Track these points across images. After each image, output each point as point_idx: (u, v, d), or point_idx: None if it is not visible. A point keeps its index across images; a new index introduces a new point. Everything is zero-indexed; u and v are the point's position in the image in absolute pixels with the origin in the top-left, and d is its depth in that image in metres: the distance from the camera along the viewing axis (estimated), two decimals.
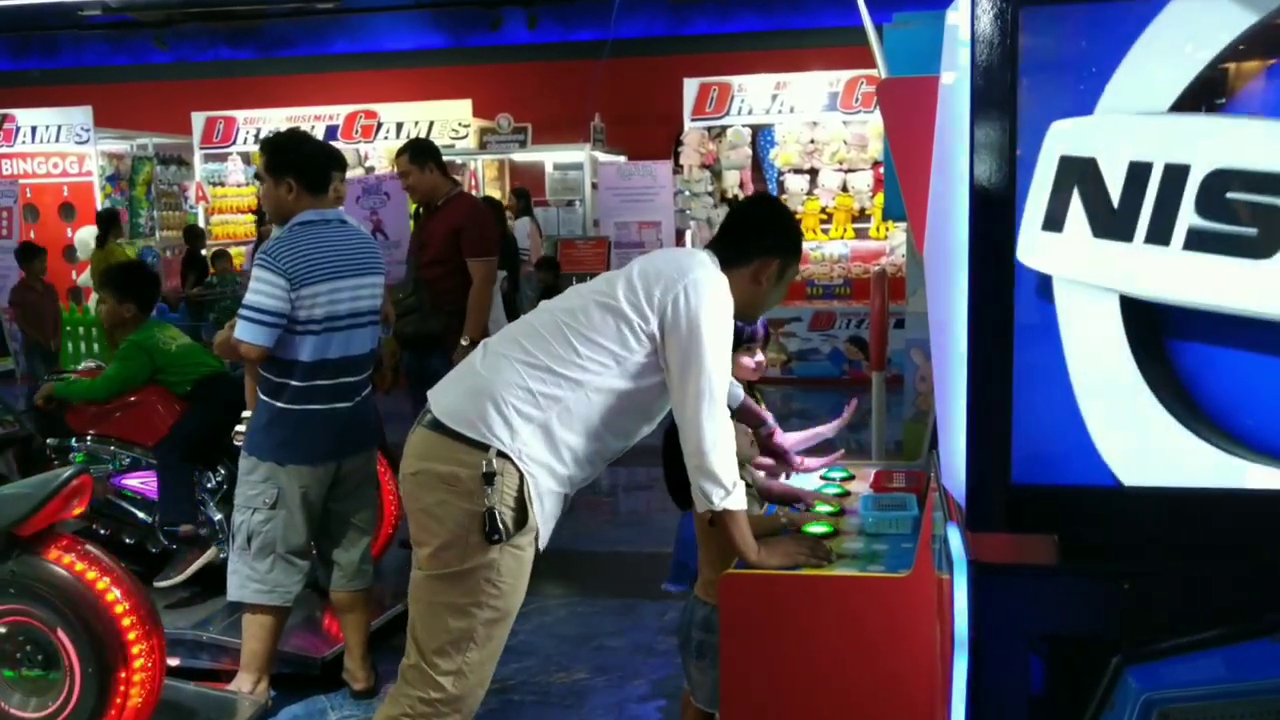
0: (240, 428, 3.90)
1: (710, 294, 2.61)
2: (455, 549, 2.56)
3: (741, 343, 3.11)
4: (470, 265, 5.44)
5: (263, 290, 3.54)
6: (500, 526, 2.53)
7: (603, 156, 12.01)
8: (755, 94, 12.11)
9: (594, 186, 11.54)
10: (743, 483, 2.64)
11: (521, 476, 2.58)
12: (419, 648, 2.64)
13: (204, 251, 11.30)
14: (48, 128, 11.66)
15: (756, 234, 2.80)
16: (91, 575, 3.10)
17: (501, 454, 2.56)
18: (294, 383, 3.66)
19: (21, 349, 8.33)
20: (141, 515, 4.66)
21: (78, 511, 3.22)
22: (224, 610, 4.33)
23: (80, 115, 11.80)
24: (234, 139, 13.37)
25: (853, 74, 11.65)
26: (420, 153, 5.63)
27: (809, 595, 2.51)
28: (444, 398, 2.70)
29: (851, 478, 3.34)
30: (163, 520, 4.56)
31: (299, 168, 3.72)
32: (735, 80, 12.13)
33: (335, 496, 3.88)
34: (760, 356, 3.16)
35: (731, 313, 2.66)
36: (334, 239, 3.73)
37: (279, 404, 3.68)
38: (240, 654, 3.95)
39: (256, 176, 3.98)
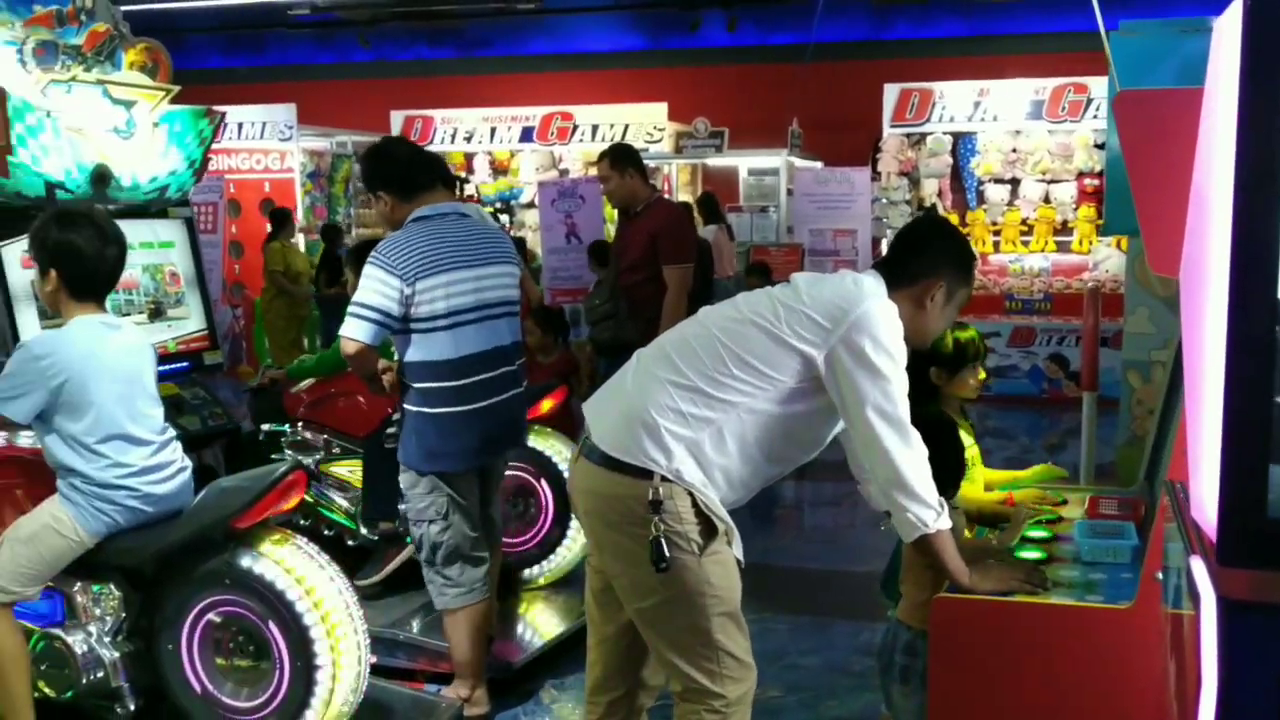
0: (390, 429, 4.00)
1: (884, 326, 2.60)
2: (654, 577, 2.61)
3: (967, 360, 3.10)
4: (666, 272, 5.53)
5: (371, 287, 3.58)
6: (667, 555, 2.56)
7: (799, 162, 12.00)
8: (957, 100, 11.94)
9: (789, 192, 11.54)
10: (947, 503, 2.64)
11: (691, 492, 2.62)
12: (676, 669, 2.72)
13: (339, 251, 11.72)
14: (253, 124, 12.36)
15: (921, 253, 2.76)
16: (302, 570, 3.26)
17: (664, 478, 2.60)
18: (431, 385, 3.68)
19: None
20: (346, 504, 4.89)
21: (290, 505, 3.42)
22: (421, 609, 4.52)
23: (284, 112, 12.44)
24: (431, 138, 13.91)
25: (1059, 81, 11.39)
26: (621, 158, 5.75)
27: (1024, 623, 2.49)
28: (601, 423, 2.74)
29: (1064, 502, 3.28)
30: (365, 513, 4.76)
31: (387, 180, 3.83)
32: (937, 86, 11.98)
33: (484, 491, 4.00)
34: (982, 373, 3.14)
35: (903, 338, 2.64)
36: (450, 232, 3.74)
37: (427, 409, 3.70)
38: (432, 654, 4.14)
39: None
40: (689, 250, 5.77)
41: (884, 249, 11.54)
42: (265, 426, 5.05)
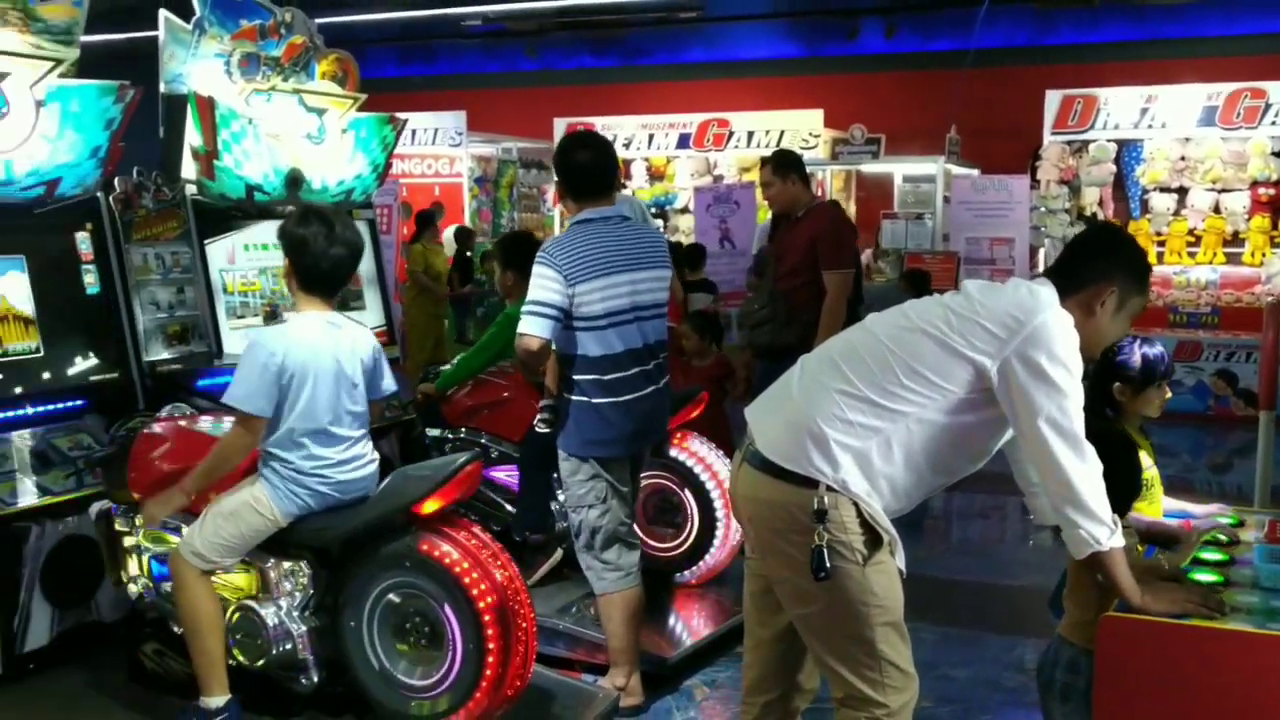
0: (541, 415, 4.10)
1: (1061, 339, 2.52)
2: (817, 585, 2.59)
3: (1157, 378, 3.00)
4: (825, 277, 5.50)
5: (542, 285, 3.69)
6: (828, 564, 2.54)
7: (956, 169, 11.76)
8: (1122, 107, 11.54)
9: (945, 200, 11.33)
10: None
11: (855, 502, 2.59)
12: (838, 677, 2.71)
13: (469, 253, 11.93)
14: (425, 130, 12.74)
15: (1093, 258, 2.67)
16: (478, 557, 3.34)
17: (830, 488, 2.57)
18: (591, 377, 3.80)
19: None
20: (507, 506, 4.99)
21: (468, 494, 3.53)
22: (580, 600, 4.61)
23: (454, 119, 12.79)
24: None
25: (1234, 86, 10.87)
26: (783, 164, 5.75)
27: (1198, 648, 2.39)
28: (765, 429, 2.71)
29: (1240, 524, 3.14)
30: (517, 523, 4.85)
31: (561, 180, 3.96)
32: (1101, 92, 11.60)
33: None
34: (1169, 392, 3.04)
35: (1078, 349, 2.55)
36: (611, 236, 3.84)
37: (585, 399, 3.82)
38: (590, 645, 4.20)
39: None
40: (849, 255, 5.73)
41: (1041, 258, 11.26)
42: (430, 431, 5.19)
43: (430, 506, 3.38)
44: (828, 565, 2.55)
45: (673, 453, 4.82)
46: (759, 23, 14.83)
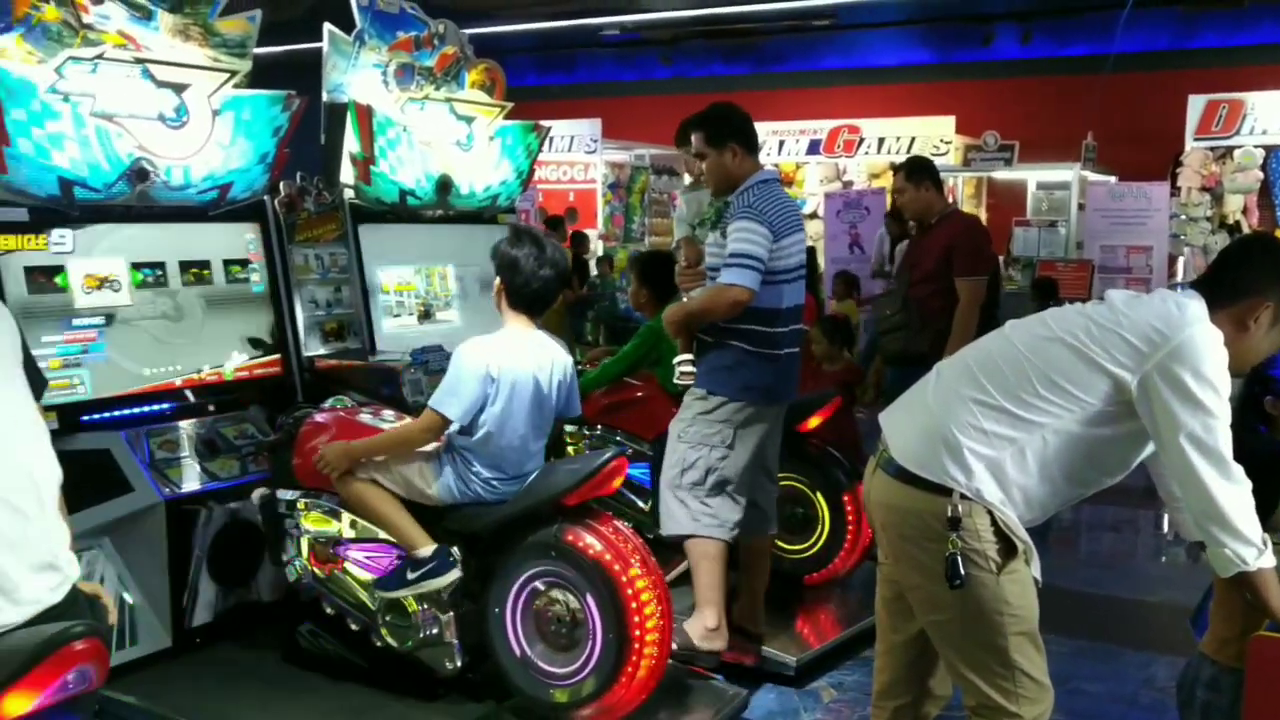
0: (683, 369, 4.15)
1: (1208, 356, 2.43)
2: (950, 593, 2.56)
3: None
4: (959, 284, 5.42)
5: (749, 239, 3.81)
6: (962, 572, 2.51)
7: (1092, 176, 11.45)
8: (1270, 111, 11.07)
9: (1080, 207, 11.03)
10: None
11: (990, 510, 2.55)
12: (970, 685, 2.68)
13: (584, 256, 11.99)
14: (562, 138, 12.94)
15: (1247, 270, 2.55)
16: (620, 549, 3.40)
17: (964, 496, 2.53)
18: (771, 329, 3.94)
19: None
20: (639, 504, 5.04)
21: (613, 489, 3.60)
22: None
23: (590, 127, 12.97)
24: None
25: None
26: (917, 170, 5.69)
27: None
28: (899, 436, 2.69)
29: None
30: (649, 521, 4.88)
31: (738, 133, 4.05)
32: (1248, 97, 11.16)
33: (759, 441, 4.12)
34: None
35: (1227, 366, 2.46)
36: (784, 196, 4.09)
37: (750, 348, 3.94)
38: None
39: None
40: (984, 263, 5.63)
41: (1180, 267, 10.87)
42: (567, 427, 5.27)
43: (576, 499, 3.45)
44: (962, 573, 2.52)
45: (805, 454, 4.82)
46: (893, 30, 14.65)
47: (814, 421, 4.81)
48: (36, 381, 2.29)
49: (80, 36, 3.77)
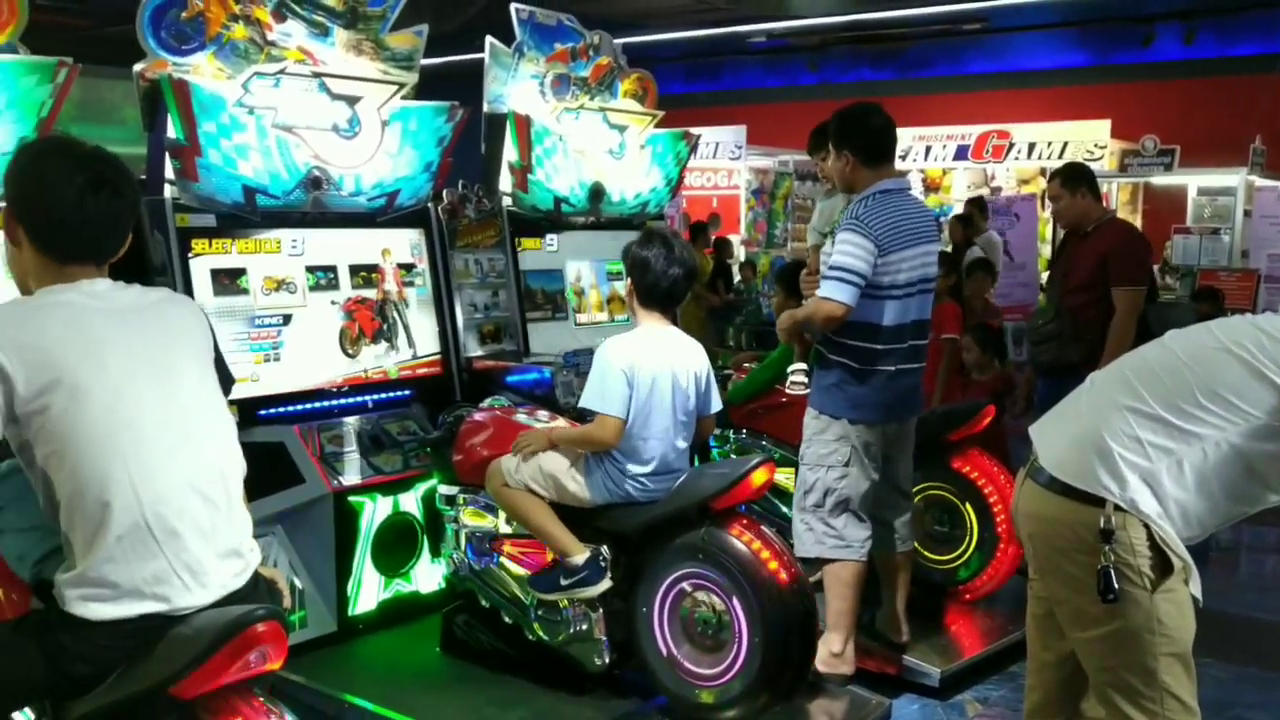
0: (795, 378, 4.19)
1: None
2: (1100, 607, 2.48)
3: None
4: (1115, 294, 5.25)
5: (851, 253, 3.72)
6: (1116, 586, 2.42)
7: (1260, 181, 10.92)
8: None
9: (1246, 214, 10.54)
10: None
11: (1146, 524, 2.46)
12: (1114, 705, 2.59)
13: (728, 260, 11.89)
14: (707, 144, 12.97)
15: None
16: (766, 554, 3.42)
17: (1118, 507, 2.45)
18: (873, 345, 3.85)
19: None
20: (783, 509, 5.03)
21: (760, 493, 3.61)
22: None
23: (734, 134, 12.97)
24: None
25: None
26: (1073, 177, 5.54)
27: None
28: (1050, 445, 2.62)
29: None
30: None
31: (856, 141, 3.93)
32: None
33: (885, 460, 4.05)
34: None
35: None
36: (909, 207, 3.95)
37: (856, 365, 3.86)
38: (860, 650, 4.20)
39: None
40: (1142, 272, 5.45)
41: None
42: (714, 431, 5.29)
43: (724, 503, 3.48)
44: (1116, 587, 2.43)
45: (954, 465, 4.74)
46: (1046, 32, 14.25)
47: (964, 432, 4.73)
48: (225, 378, 2.42)
49: (264, 53, 3.98)
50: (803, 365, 4.20)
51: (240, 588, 2.22)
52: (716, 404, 3.77)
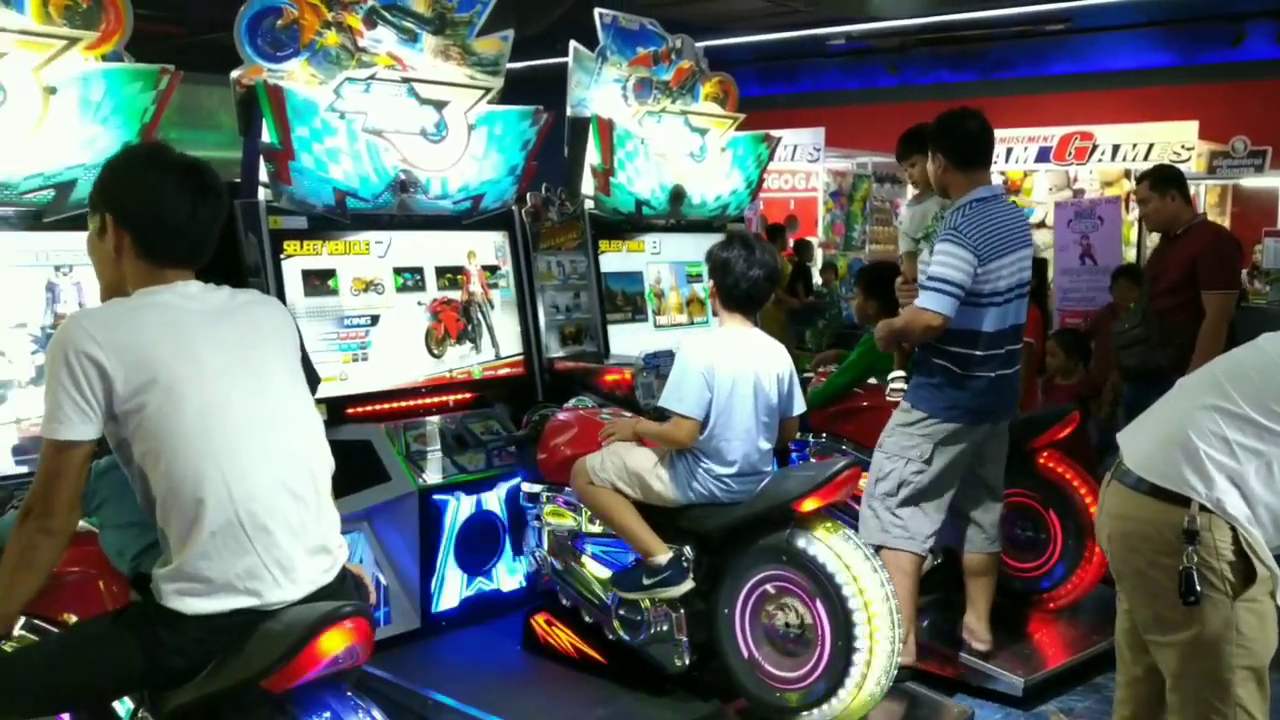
0: (895, 385, 4.18)
1: None
2: (1179, 612, 2.42)
3: None
4: (1205, 298, 5.12)
5: (950, 263, 3.73)
6: (1198, 588, 2.35)
7: None
8: None
9: None
10: None
11: (1233, 527, 2.38)
12: (1183, 715, 2.54)
13: (808, 263, 11.74)
14: (785, 147, 12.87)
15: None
16: (851, 558, 3.37)
17: (1203, 507, 2.38)
18: (974, 352, 3.86)
19: None
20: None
21: (844, 497, 3.57)
22: (932, 608, 4.52)
23: (812, 136, 12.85)
24: None
25: None
26: (1163, 179, 5.43)
27: None
28: (1136, 446, 2.56)
29: None
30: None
31: (951, 146, 3.91)
32: None
33: (979, 460, 4.05)
34: None
35: None
36: (1006, 214, 3.93)
37: (959, 370, 3.87)
38: (941, 657, 4.13)
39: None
40: (1233, 276, 5.31)
41: None
42: None
43: (809, 505, 3.44)
44: (1198, 589, 2.36)
45: (1038, 471, 4.64)
46: (1131, 32, 13.91)
47: (1049, 437, 4.63)
48: (311, 377, 2.45)
49: (355, 59, 4.03)
50: (901, 373, 4.18)
51: (329, 583, 2.24)
52: (800, 406, 3.73)
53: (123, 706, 2.38)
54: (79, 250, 3.38)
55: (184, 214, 2.17)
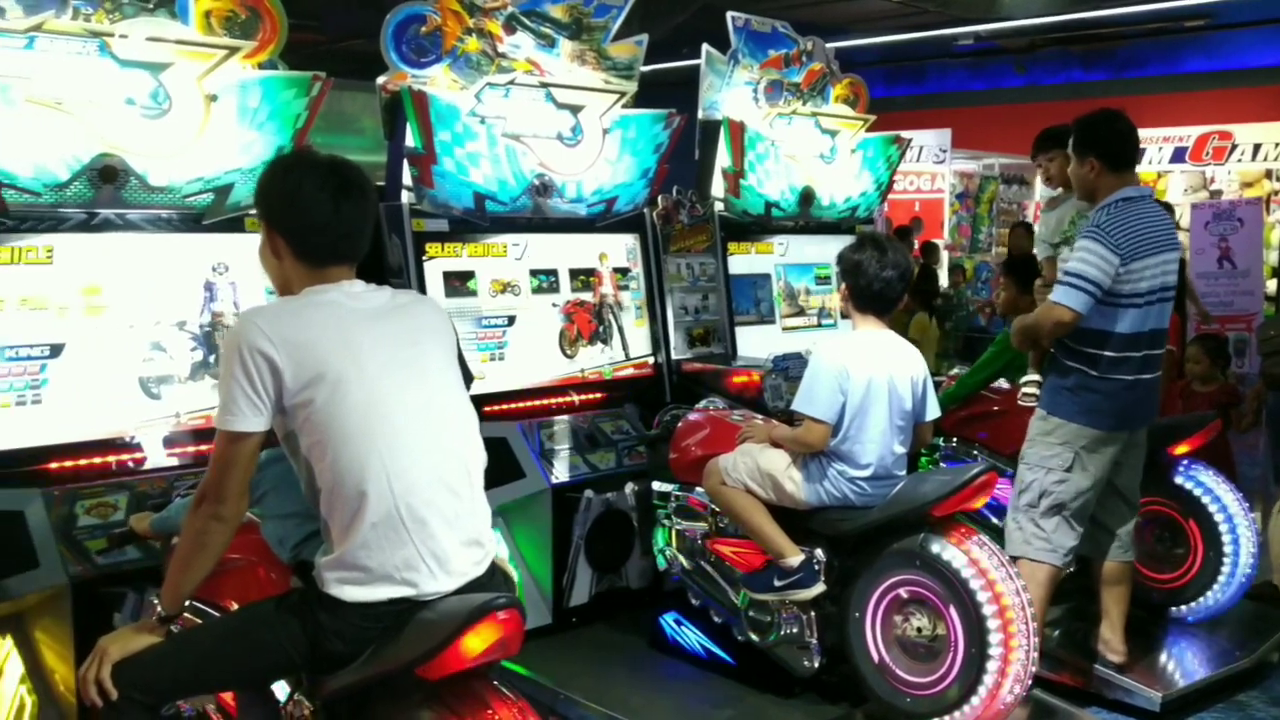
0: (1027, 389, 4.08)
1: None
2: None
3: None
4: None
5: (1089, 260, 3.63)
6: None
7: None
8: None
9: None
10: None
11: None
12: None
13: (934, 266, 11.44)
14: (911, 148, 12.66)
15: None
16: (986, 565, 3.29)
17: None
18: (1109, 353, 3.73)
19: None
20: (993, 520, 4.83)
21: (979, 504, 3.49)
22: (1065, 618, 4.39)
23: (938, 137, 12.64)
24: None
25: None
26: None
27: None
28: None
29: None
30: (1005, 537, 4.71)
31: (1103, 148, 3.80)
32: None
33: (1115, 468, 3.90)
34: None
35: None
36: (1151, 215, 3.80)
37: (1093, 372, 3.74)
38: (1074, 669, 4.00)
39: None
40: None
41: None
42: None
43: (944, 511, 3.38)
44: None
45: (1177, 480, 4.47)
46: (1273, 27, 13.30)
47: (1188, 445, 4.45)
48: (466, 374, 2.49)
49: (495, 65, 4.10)
50: (1035, 376, 4.06)
51: (480, 576, 2.28)
52: (934, 410, 3.66)
53: (281, 690, 2.46)
54: (235, 251, 3.59)
55: (327, 212, 2.23)
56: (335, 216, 2.24)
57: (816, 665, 3.63)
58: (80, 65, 3.16)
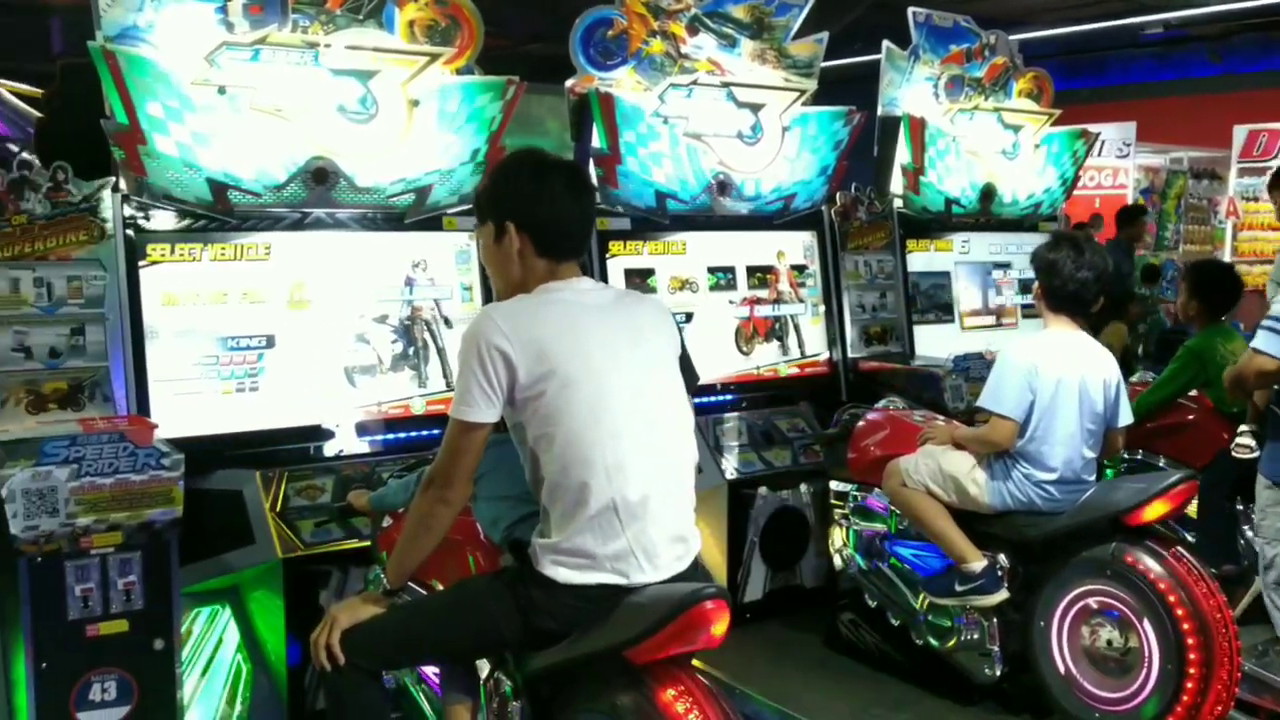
0: (1241, 439, 3.88)
1: None
2: None
3: None
4: None
5: None
6: None
7: None
8: None
9: None
10: None
11: None
12: None
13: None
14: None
15: None
16: (1184, 578, 3.22)
17: None
18: None
19: None
20: (1186, 536, 4.65)
21: (1180, 510, 3.41)
22: (1270, 642, 4.22)
23: (1121, 130, 12.18)
24: (1276, 153, 12.66)
25: None
26: None
27: None
28: None
29: None
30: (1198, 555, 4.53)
31: None
32: None
33: None
34: None
35: None
36: None
37: None
38: (1276, 693, 3.83)
39: None
40: None
41: None
42: None
43: (1140, 518, 3.32)
44: None
45: None
46: None
47: None
48: (690, 375, 2.57)
49: (678, 66, 4.21)
50: (1252, 427, 3.88)
51: (684, 570, 2.37)
52: (1127, 416, 3.59)
53: (483, 668, 2.60)
54: (434, 248, 3.79)
55: (575, 211, 2.39)
56: (581, 216, 2.41)
57: (998, 673, 3.61)
58: (297, 74, 3.40)
